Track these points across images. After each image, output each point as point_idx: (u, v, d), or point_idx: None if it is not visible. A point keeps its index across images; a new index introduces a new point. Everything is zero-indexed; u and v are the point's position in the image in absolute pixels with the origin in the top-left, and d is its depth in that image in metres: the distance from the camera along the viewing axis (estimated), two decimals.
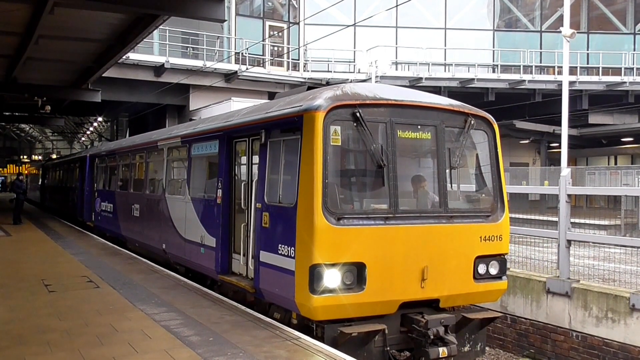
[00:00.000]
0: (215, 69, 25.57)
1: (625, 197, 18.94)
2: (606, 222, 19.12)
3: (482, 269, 7.63)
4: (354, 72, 29.07)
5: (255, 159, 8.34)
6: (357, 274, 6.78)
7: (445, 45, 30.82)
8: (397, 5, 24.82)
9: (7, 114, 31.33)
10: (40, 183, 38.92)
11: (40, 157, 77.07)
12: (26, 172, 53.64)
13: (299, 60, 28.98)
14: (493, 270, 7.74)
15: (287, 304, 7.24)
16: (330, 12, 29.05)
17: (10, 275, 10.68)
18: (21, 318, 7.49)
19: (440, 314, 7.34)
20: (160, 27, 16.44)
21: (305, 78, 27.46)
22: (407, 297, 7.11)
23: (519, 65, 29.49)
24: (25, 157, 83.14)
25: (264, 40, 28.35)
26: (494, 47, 31.21)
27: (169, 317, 7.54)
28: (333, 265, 6.61)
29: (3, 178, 74.45)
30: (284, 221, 7.18)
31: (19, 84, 19.35)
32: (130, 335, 6.74)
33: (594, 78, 30.06)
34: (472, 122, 7.80)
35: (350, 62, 29.90)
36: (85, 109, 32.79)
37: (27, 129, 75.42)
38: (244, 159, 8.98)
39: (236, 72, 25.95)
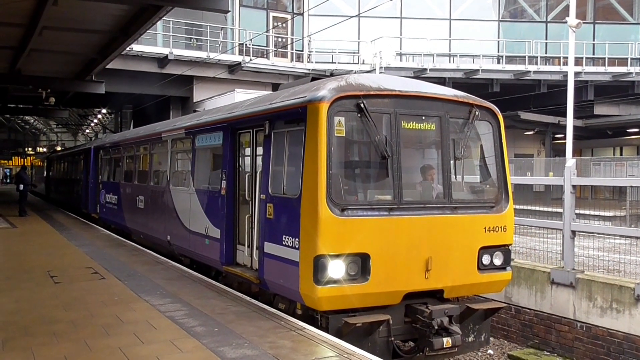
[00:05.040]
0: (219, 60, 25.53)
1: (631, 188, 18.87)
2: (611, 213, 19.06)
3: (486, 259, 7.63)
4: (358, 63, 28.97)
5: (260, 150, 8.33)
6: (361, 264, 6.79)
7: (449, 36, 30.66)
8: None
9: (11, 106, 31.42)
10: (45, 175, 39.04)
11: (44, 149, 77.23)
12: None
13: (302, 51, 28.90)
14: (497, 261, 7.74)
15: (292, 294, 7.26)
16: (334, 2, 28.96)
17: (16, 267, 10.73)
18: (27, 309, 7.53)
19: (444, 304, 7.35)
20: (164, 18, 16.40)
21: (309, 69, 27.39)
22: (411, 287, 7.12)
23: (524, 56, 29.33)
24: (30, 149, 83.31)
25: (267, 31, 28.26)
26: (499, 38, 31.01)
27: (174, 308, 7.57)
28: (337, 256, 6.62)
29: (9, 170, 74.65)
30: (288, 212, 7.19)
31: (23, 75, 19.38)
32: (136, 326, 6.77)
33: (600, 69, 29.87)
34: (477, 113, 7.78)
35: (354, 53, 29.79)
36: (89, 101, 32.87)
37: (32, 121, 75.60)
38: (248, 151, 8.99)
39: (240, 63, 25.91)
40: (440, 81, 25.44)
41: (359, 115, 6.96)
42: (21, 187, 22.42)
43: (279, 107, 7.74)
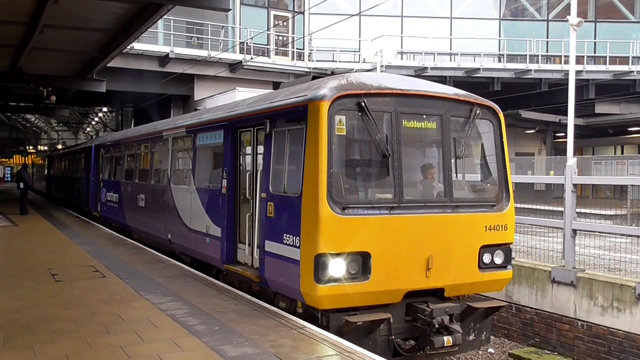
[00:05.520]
0: (220, 58, 25.52)
1: (632, 187, 18.87)
2: (612, 212, 19.06)
3: (487, 258, 7.63)
4: (359, 61, 28.96)
5: (260, 148, 8.33)
6: (362, 263, 6.79)
7: (450, 35, 30.64)
8: None
9: (12, 104, 31.43)
10: (46, 173, 39.07)
11: (45, 148, 77.22)
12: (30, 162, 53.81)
13: (303, 49, 28.88)
14: (498, 260, 7.74)
15: (293, 293, 7.26)
16: (335, 1, 28.94)
17: (17, 265, 10.75)
18: (28, 307, 7.54)
19: (445, 303, 7.36)
20: (165, 16, 16.40)
21: (310, 68, 27.38)
22: (412, 286, 7.12)
23: (525, 55, 29.29)
24: (31, 147, 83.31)
25: (268, 29, 28.25)
26: (500, 37, 30.98)
27: (175, 307, 7.58)
28: (338, 254, 6.62)
29: (10, 168, 74.65)
30: (289, 211, 7.19)
31: (24, 74, 19.38)
32: (137, 324, 6.78)
33: (601, 67, 29.82)
34: (478, 111, 7.77)
35: (355, 51, 29.77)
36: (90, 99, 32.87)
37: (33, 119, 75.59)
38: (248, 149, 8.99)
39: (241, 61, 25.90)
40: (441, 80, 25.43)
41: (359, 114, 6.96)
42: (21, 185, 22.49)
43: (280, 105, 7.74)
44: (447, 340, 6.96)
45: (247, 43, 26.37)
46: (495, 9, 31.95)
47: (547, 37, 31.21)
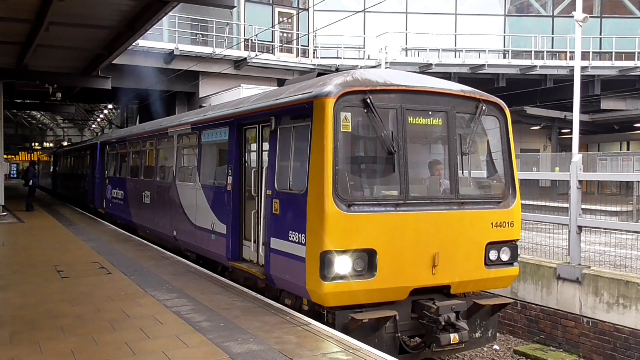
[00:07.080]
0: (225, 55, 25.50)
1: (638, 183, 18.77)
2: (618, 209, 18.98)
3: (493, 255, 7.61)
4: (363, 58, 28.91)
5: (266, 145, 8.33)
6: (367, 260, 6.78)
7: (455, 31, 30.55)
8: None
9: (18, 101, 31.51)
10: (51, 170, 39.21)
11: (51, 145, 77.48)
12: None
13: (308, 46, 28.84)
14: (504, 257, 7.72)
15: (298, 290, 7.26)
16: None
17: (23, 262, 10.79)
18: (34, 303, 7.57)
19: (451, 300, 7.34)
20: (170, 13, 16.39)
21: (314, 64, 27.34)
22: (418, 283, 7.11)
23: (531, 51, 29.20)
24: (36, 144, 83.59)
25: (273, 26, 28.21)
26: (505, 33, 30.88)
27: (180, 303, 7.59)
28: (344, 251, 6.62)
29: (16, 165, 74.94)
30: (295, 208, 7.19)
31: (30, 71, 19.41)
32: (142, 320, 6.79)
33: (607, 63, 29.68)
34: (484, 107, 7.74)
35: (359, 48, 29.72)
36: (95, 96, 32.92)
37: (38, 116, 75.84)
38: (254, 146, 8.98)
39: (245, 58, 25.88)
40: (446, 76, 25.34)
41: (365, 110, 6.94)
42: (30, 182, 22.64)
43: (285, 102, 7.72)
44: (454, 337, 6.95)
45: (251, 40, 26.36)
46: (500, 5, 31.84)
47: (553, 33, 31.11)
